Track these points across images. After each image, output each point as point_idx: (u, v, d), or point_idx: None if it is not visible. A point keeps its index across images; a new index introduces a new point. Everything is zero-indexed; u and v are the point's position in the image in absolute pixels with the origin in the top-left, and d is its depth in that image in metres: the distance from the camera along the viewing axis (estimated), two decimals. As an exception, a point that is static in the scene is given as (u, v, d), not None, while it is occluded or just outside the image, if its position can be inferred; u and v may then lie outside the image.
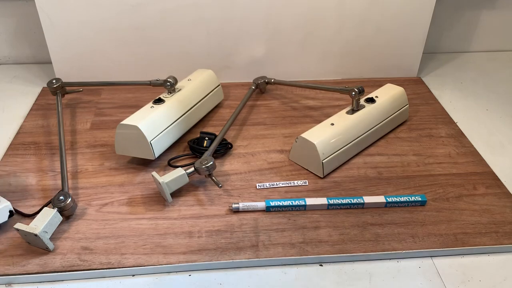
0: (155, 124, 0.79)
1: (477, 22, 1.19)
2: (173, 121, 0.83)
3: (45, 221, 0.63)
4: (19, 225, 0.63)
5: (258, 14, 0.98)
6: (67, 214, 0.69)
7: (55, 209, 0.66)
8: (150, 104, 0.83)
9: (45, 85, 1.00)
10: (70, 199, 0.68)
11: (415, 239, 0.67)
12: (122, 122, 0.77)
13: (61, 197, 0.68)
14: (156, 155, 0.79)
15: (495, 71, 1.15)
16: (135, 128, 0.76)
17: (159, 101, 0.83)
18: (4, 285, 0.62)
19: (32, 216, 0.66)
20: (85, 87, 0.99)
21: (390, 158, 0.83)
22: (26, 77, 1.10)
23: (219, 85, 0.95)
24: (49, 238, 0.64)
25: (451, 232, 0.68)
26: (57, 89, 0.93)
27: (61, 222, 0.67)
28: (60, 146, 0.79)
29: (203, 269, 0.64)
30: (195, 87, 0.90)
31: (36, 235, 0.62)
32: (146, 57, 1.02)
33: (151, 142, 0.77)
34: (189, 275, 0.63)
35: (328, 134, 0.78)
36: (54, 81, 0.93)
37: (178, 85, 0.89)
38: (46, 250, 0.64)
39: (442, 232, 0.68)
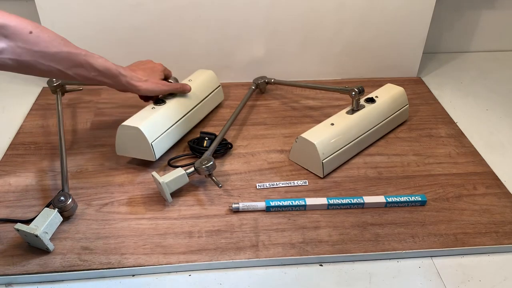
0: (156, 125, 0.79)
1: (477, 22, 1.19)
2: (174, 122, 0.82)
3: (45, 222, 0.63)
4: (19, 226, 0.63)
5: (258, 14, 0.98)
6: (67, 215, 0.69)
7: (56, 210, 0.66)
8: (151, 105, 0.83)
9: (45, 85, 1.00)
10: (70, 200, 0.68)
11: (415, 239, 0.67)
12: (123, 123, 0.77)
13: (62, 198, 0.68)
14: (157, 157, 0.79)
15: (495, 71, 1.15)
16: (136, 129, 0.76)
17: (160, 102, 0.83)
18: (4, 285, 0.62)
19: (30, 221, 0.66)
20: (85, 86, 0.99)
21: (390, 158, 0.83)
22: (26, 77, 1.08)
23: (219, 85, 0.95)
24: (49, 238, 0.64)
25: (451, 232, 0.68)
26: (57, 88, 0.93)
27: (61, 222, 0.67)
28: (60, 146, 0.79)
29: (203, 269, 0.64)
30: (196, 87, 0.89)
31: (36, 235, 0.61)
32: (146, 57, 1.02)
33: (152, 143, 0.77)
34: (189, 275, 0.63)
35: (328, 134, 0.78)
36: (54, 79, 0.93)
37: (178, 85, 0.88)
38: (46, 251, 0.64)
39: (442, 232, 0.68)
